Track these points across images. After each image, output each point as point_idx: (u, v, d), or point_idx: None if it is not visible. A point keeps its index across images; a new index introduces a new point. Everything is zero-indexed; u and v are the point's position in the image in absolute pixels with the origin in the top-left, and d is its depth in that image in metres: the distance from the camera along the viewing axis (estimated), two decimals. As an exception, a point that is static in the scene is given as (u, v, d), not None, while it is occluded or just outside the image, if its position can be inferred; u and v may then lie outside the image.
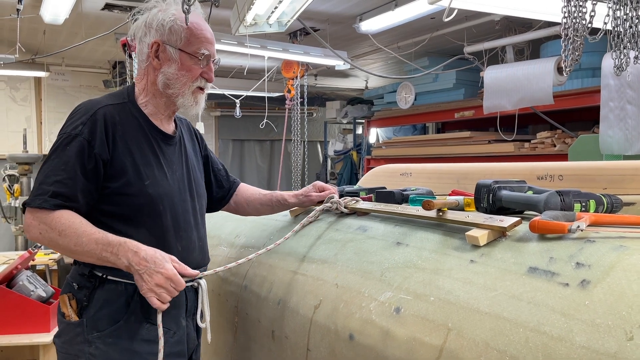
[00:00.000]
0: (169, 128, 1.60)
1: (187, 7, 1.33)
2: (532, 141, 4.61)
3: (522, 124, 5.23)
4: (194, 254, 1.60)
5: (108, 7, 4.15)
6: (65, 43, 5.29)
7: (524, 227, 1.20)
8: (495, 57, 4.72)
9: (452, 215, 1.31)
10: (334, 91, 8.27)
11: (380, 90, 6.94)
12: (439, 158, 5.62)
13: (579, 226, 1.04)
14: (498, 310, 1.00)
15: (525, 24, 4.38)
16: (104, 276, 1.44)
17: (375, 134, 7.43)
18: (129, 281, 1.42)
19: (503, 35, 4.43)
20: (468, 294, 1.08)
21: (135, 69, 4.33)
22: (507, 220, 1.17)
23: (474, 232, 1.18)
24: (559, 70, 3.60)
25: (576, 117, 5.08)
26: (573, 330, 0.88)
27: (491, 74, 4.02)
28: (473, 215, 1.26)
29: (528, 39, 4.03)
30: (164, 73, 1.51)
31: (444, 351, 1.04)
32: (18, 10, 3.77)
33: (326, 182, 7.77)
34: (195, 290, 1.59)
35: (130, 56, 4.26)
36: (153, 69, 1.53)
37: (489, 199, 1.35)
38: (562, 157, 4.12)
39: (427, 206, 1.31)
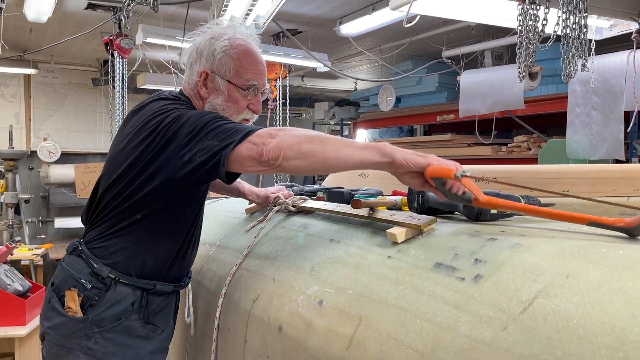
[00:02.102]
0: None
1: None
2: (509, 145, 4.69)
3: (506, 128, 5.32)
4: (193, 261, 1.70)
5: (91, 6, 4.21)
6: (52, 41, 5.34)
7: (444, 226, 1.26)
8: (475, 61, 4.79)
9: (380, 214, 1.38)
10: (323, 92, 8.34)
11: (366, 92, 7.02)
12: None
13: (464, 172, 1.09)
14: (402, 303, 1.07)
15: (504, 29, 4.45)
16: (117, 279, 1.47)
17: (361, 135, 7.49)
18: (137, 285, 1.49)
19: (481, 40, 4.50)
20: (381, 288, 1.14)
21: (118, 69, 4.39)
22: (423, 219, 1.24)
23: (393, 230, 1.25)
24: (531, 75, 3.67)
25: (556, 121, 5.16)
26: (460, 321, 0.95)
27: (467, 79, 4.09)
28: (397, 214, 1.32)
29: (503, 45, 4.10)
30: (210, 103, 1.51)
31: (353, 341, 1.10)
32: (1, 8, 3.82)
33: (314, 181, 7.83)
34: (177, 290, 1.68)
35: (112, 55, 4.32)
36: (200, 97, 1.53)
37: (418, 200, 1.42)
38: (537, 160, 4.19)
39: (355, 205, 1.38)
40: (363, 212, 1.42)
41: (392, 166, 1.20)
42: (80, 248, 1.51)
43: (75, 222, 6.46)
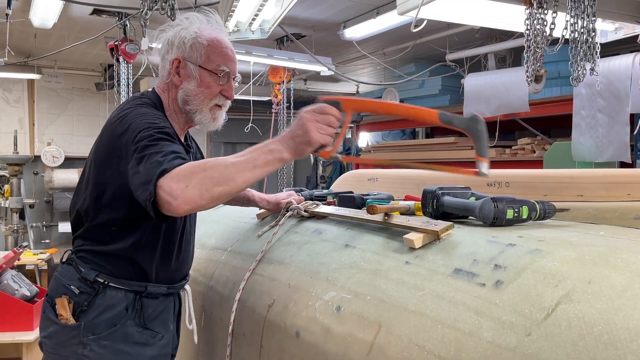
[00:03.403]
0: (182, 140, 1.64)
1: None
2: (513, 147, 4.69)
3: (509, 130, 5.33)
4: (187, 263, 1.69)
5: (96, 12, 4.23)
6: (56, 46, 5.36)
7: (460, 231, 1.27)
8: (479, 64, 4.81)
9: (396, 219, 1.39)
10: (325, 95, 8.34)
11: (369, 95, 7.03)
12: (425, 163, 5.69)
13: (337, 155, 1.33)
14: (422, 309, 1.07)
15: (507, 33, 4.46)
16: (106, 283, 1.47)
17: (364, 138, 7.51)
18: (129, 289, 1.49)
19: (484, 43, 4.51)
20: (399, 293, 1.15)
21: (123, 73, 4.41)
22: (440, 225, 1.24)
23: (410, 236, 1.25)
24: (536, 78, 3.68)
25: (560, 123, 5.16)
26: (482, 327, 0.95)
27: (471, 82, 4.10)
28: (413, 220, 1.33)
29: (507, 48, 4.11)
30: (183, 89, 1.53)
31: (373, 346, 1.11)
32: (7, 14, 3.84)
33: (316, 185, 7.85)
34: (178, 295, 1.68)
35: (117, 60, 4.33)
36: (174, 86, 1.56)
37: (433, 204, 1.42)
38: (541, 163, 4.20)
39: (370, 210, 1.38)
40: (378, 217, 1.43)
41: (287, 162, 1.31)
42: (71, 256, 1.54)
43: (79, 227, 6.46)
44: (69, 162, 6.61)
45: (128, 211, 1.43)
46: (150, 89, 1.65)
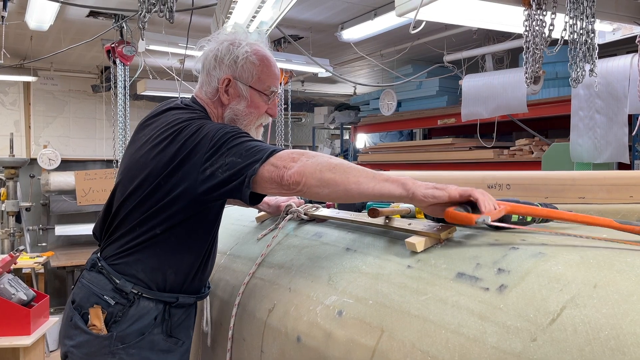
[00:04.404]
0: None
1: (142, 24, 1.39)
2: (511, 148, 4.69)
3: (506, 131, 5.33)
4: (211, 273, 1.69)
5: (93, 14, 4.21)
6: (53, 49, 5.34)
7: (460, 233, 1.26)
8: (476, 65, 4.81)
9: (397, 223, 1.38)
10: (323, 97, 8.35)
11: (367, 97, 7.03)
12: (423, 164, 5.70)
13: (484, 220, 1.10)
14: (426, 313, 1.06)
15: (504, 34, 4.46)
16: (140, 294, 1.46)
17: (362, 140, 7.50)
18: (161, 299, 1.48)
19: (482, 45, 4.51)
20: (402, 298, 1.14)
21: (120, 75, 4.39)
22: (442, 228, 1.24)
23: (412, 239, 1.24)
24: (534, 79, 3.68)
25: (558, 124, 5.17)
26: (487, 332, 0.95)
27: (469, 83, 4.09)
28: (414, 223, 1.32)
29: (504, 49, 4.11)
30: (232, 109, 1.52)
31: (376, 352, 1.10)
32: (3, 17, 3.82)
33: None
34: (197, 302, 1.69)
35: (114, 62, 4.32)
36: (221, 104, 1.54)
37: (434, 207, 1.41)
38: (540, 164, 4.20)
39: (372, 214, 1.37)
40: (379, 220, 1.42)
41: (413, 200, 1.20)
42: (99, 264, 1.49)
43: (76, 230, 6.43)
44: (65, 164, 6.58)
45: (184, 215, 1.42)
46: (188, 98, 1.60)
